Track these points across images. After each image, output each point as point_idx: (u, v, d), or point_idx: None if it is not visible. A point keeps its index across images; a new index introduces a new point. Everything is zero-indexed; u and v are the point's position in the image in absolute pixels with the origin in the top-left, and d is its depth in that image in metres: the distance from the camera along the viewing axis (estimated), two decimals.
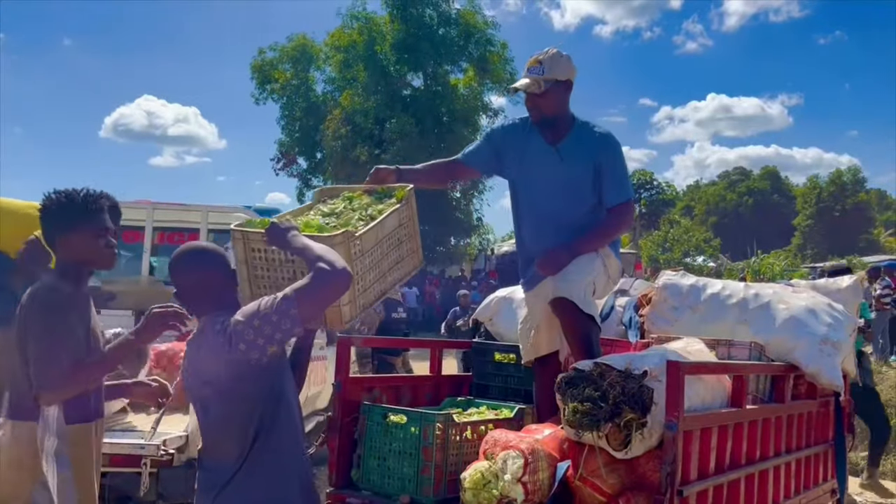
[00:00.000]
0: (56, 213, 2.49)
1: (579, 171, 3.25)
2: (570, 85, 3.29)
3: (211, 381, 2.09)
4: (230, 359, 2.03)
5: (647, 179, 49.99)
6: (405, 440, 2.92)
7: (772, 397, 3.49)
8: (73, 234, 2.47)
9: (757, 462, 3.19)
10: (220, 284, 2.21)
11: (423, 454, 2.87)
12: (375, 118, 23.44)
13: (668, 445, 2.49)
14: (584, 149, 3.25)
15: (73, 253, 2.49)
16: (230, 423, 2.10)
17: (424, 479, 2.87)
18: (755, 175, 58.12)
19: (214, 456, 2.15)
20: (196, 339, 2.17)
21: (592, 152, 3.25)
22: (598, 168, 3.24)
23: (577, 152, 3.26)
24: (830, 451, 4.04)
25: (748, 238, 36.33)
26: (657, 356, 2.73)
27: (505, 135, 3.46)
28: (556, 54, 3.24)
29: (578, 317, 3.15)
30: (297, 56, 25.79)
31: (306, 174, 26.90)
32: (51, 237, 2.53)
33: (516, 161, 3.39)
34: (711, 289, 3.87)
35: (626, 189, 3.31)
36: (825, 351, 3.51)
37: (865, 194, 50.51)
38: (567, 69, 3.26)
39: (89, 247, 2.50)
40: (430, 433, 2.87)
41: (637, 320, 3.93)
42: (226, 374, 2.05)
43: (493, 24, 24.97)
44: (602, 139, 3.28)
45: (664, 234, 34.13)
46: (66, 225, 2.49)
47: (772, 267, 24.35)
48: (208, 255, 2.26)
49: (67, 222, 2.49)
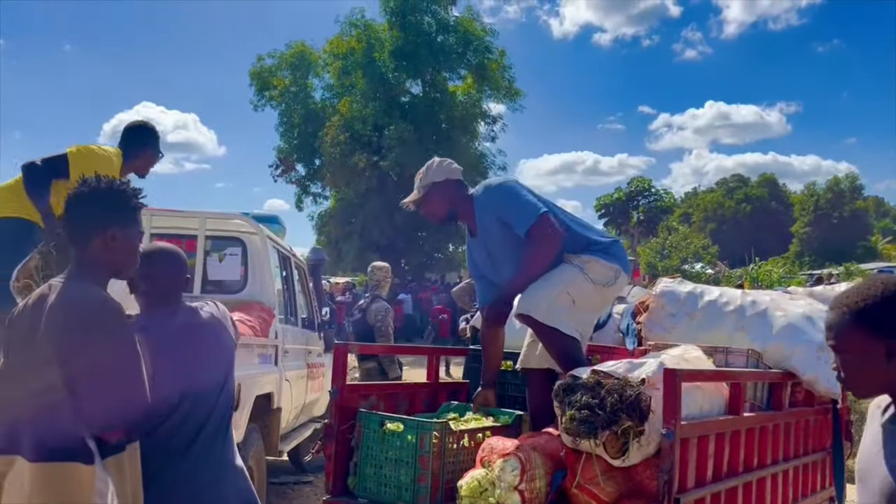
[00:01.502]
0: (110, 202, 2.10)
1: (489, 236, 3.43)
2: (449, 183, 3.47)
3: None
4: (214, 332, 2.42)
5: (645, 187, 49.92)
6: (402, 448, 2.92)
7: (769, 405, 3.49)
8: (121, 232, 2.10)
9: (755, 470, 3.19)
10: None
11: (419, 462, 2.87)
12: (374, 125, 23.47)
13: (665, 453, 2.49)
14: (487, 217, 3.41)
15: (111, 255, 2.10)
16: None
17: (421, 487, 2.86)
18: (753, 182, 58.21)
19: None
20: (187, 321, 2.39)
21: (492, 213, 3.39)
22: (503, 218, 3.35)
23: (486, 224, 3.42)
24: (828, 459, 4.04)
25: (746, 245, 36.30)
26: (655, 364, 2.73)
27: (468, 254, 3.65)
28: (429, 164, 3.51)
29: (543, 331, 3.20)
30: (296, 63, 25.83)
31: (305, 181, 26.89)
32: (88, 229, 2.08)
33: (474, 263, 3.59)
34: (709, 296, 3.87)
35: (527, 212, 3.27)
36: (822, 358, 3.51)
37: (863, 201, 50.59)
38: (440, 172, 3.48)
39: (130, 250, 2.15)
40: (427, 441, 2.86)
41: (634, 327, 3.93)
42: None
43: (491, 31, 25.05)
44: (489, 197, 3.42)
45: (662, 241, 34.12)
46: (116, 219, 2.11)
47: (770, 274, 24.32)
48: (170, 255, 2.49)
49: (120, 215, 2.12)
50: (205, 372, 2.35)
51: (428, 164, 3.51)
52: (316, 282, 7.08)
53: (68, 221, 2.14)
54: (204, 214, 5.19)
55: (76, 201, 2.11)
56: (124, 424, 1.99)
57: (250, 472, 4.44)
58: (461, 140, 23.76)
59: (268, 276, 5.33)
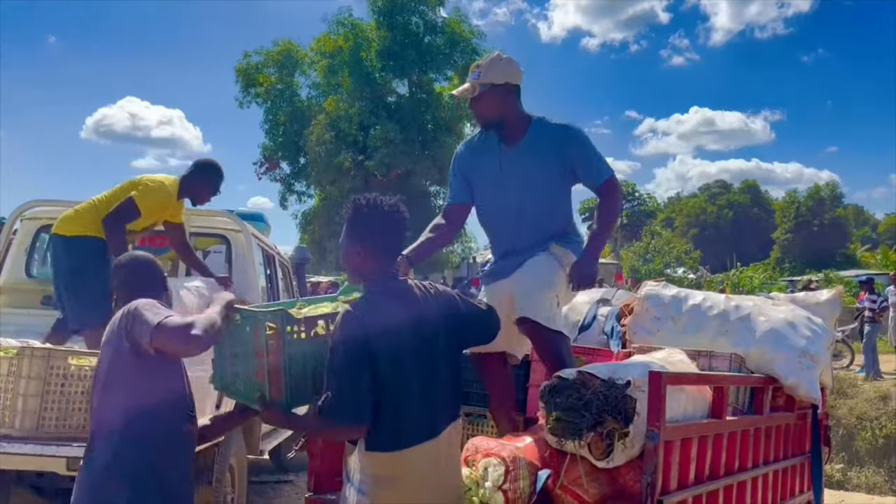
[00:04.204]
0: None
1: (542, 165, 3.25)
2: (509, 88, 3.26)
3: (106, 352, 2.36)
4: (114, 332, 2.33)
5: (629, 191, 50.34)
6: (243, 342, 2.52)
7: (751, 409, 3.52)
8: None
9: (736, 473, 3.21)
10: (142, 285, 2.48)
11: (255, 356, 2.44)
12: (360, 124, 23.43)
13: (649, 455, 2.51)
14: (544, 144, 3.25)
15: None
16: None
17: (262, 384, 2.43)
18: (735, 188, 58.75)
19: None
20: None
21: (555, 146, 3.24)
22: (567, 159, 3.24)
23: (537, 148, 3.25)
24: (807, 464, 4.08)
25: (727, 250, 36.63)
26: (640, 366, 2.75)
27: (465, 155, 3.45)
28: (494, 58, 3.28)
29: (546, 335, 3.11)
30: (283, 60, 25.73)
31: (290, 179, 26.80)
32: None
33: (480, 171, 3.39)
34: (693, 300, 3.89)
35: (604, 164, 3.26)
36: (804, 364, 3.55)
37: (843, 210, 51.26)
38: (504, 73, 3.24)
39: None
40: (262, 333, 2.43)
41: (619, 330, 3.95)
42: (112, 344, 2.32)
43: (479, 33, 25.10)
44: (562, 130, 3.27)
45: (645, 245, 34.38)
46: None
47: (751, 280, 24.57)
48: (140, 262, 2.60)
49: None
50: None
51: (492, 58, 3.27)
52: (300, 280, 7.06)
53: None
54: (188, 211, 5.16)
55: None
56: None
57: (231, 472, 4.43)
58: (447, 141, 23.74)
59: (252, 274, 5.30)
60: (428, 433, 2.31)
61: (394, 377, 2.23)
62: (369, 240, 2.34)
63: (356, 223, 2.37)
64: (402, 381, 2.25)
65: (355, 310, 2.25)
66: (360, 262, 2.36)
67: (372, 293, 2.34)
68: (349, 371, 2.17)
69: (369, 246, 2.34)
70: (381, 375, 2.20)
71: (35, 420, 3.41)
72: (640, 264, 32.08)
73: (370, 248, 2.34)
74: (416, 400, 2.29)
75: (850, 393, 10.72)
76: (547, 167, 3.25)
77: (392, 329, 2.23)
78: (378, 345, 2.19)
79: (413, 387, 2.28)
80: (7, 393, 3.34)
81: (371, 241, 2.34)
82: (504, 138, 3.32)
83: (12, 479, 3.48)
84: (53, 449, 3.30)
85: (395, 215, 2.37)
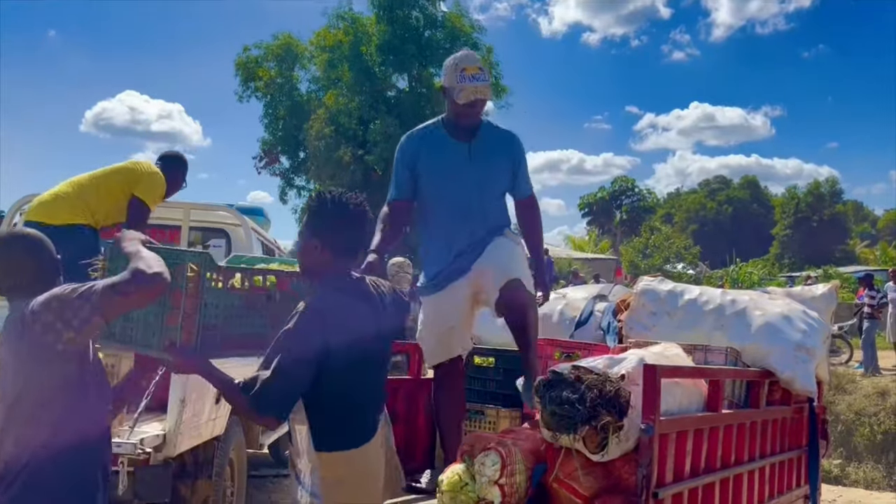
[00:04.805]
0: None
1: (492, 165, 3.43)
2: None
3: (11, 367, 2.03)
4: (25, 340, 1.99)
5: (628, 186, 50.29)
6: None
7: (747, 403, 3.53)
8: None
9: (732, 466, 3.23)
10: (34, 270, 2.14)
11: (171, 298, 2.27)
12: (359, 119, 23.38)
13: (644, 448, 2.52)
14: (495, 146, 3.45)
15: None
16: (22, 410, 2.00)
17: (170, 329, 2.30)
18: (735, 184, 58.71)
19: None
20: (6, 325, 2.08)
21: (504, 148, 3.47)
22: (512, 163, 3.49)
23: (489, 149, 3.42)
24: (804, 457, 4.10)
25: (727, 246, 36.64)
26: (635, 360, 2.76)
27: (414, 148, 3.45)
28: (482, 59, 3.47)
29: (530, 299, 3.36)
30: (282, 54, 25.65)
31: (289, 173, 26.75)
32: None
33: (428, 165, 3.41)
34: (689, 295, 3.90)
35: (529, 179, 3.62)
36: (800, 357, 3.56)
37: (842, 206, 51.25)
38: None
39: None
40: (182, 274, 2.29)
41: (615, 325, 3.96)
42: (23, 357, 2.01)
43: (479, 28, 25.01)
44: (511, 138, 3.52)
45: (645, 240, 34.39)
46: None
47: (750, 275, 24.58)
48: (26, 241, 2.20)
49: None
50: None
51: (482, 60, 3.43)
52: None
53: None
54: (188, 205, 5.17)
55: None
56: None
57: (231, 466, 4.44)
58: None
59: None
60: (372, 430, 2.31)
61: (347, 376, 2.20)
62: (330, 236, 2.28)
63: (319, 217, 2.29)
64: (355, 380, 2.23)
65: (313, 307, 2.19)
66: (318, 257, 2.29)
67: (328, 290, 2.26)
68: (292, 370, 2.11)
69: (329, 242, 2.28)
70: (334, 374, 2.16)
71: None
72: (639, 260, 32.10)
73: (330, 244, 2.28)
74: (366, 398, 2.30)
75: (849, 389, 10.74)
76: (499, 166, 3.45)
77: (348, 328, 2.18)
78: (333, 344, 2.14)
79: (363, 385, 2.28)
80: None
81: (332, 237, 2.28)
82: (457, 135, 3.40)
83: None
84: None
85: (360, 213, 2.31)
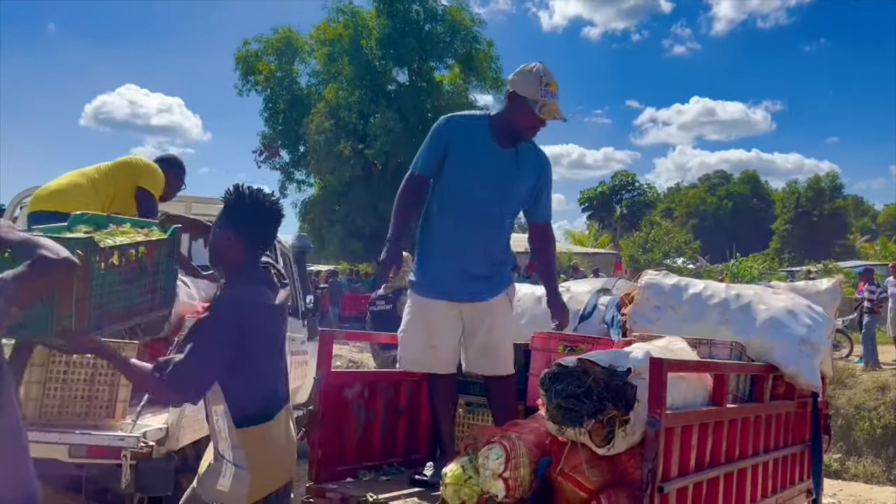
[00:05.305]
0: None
1: (524, 180, 3.40)
2: None
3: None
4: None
5: (628, 181, 50.23)
6: None
7: (751, 397, 3.52)
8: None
9: (736, 460, 3.22)
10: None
11: (59, 286, 2.24)
12: (359, 113, 23.32)
13: (650, 442, 2.51)
14: (532, 162, 3.41)
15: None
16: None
17: (64, 316, 2.31)
18: (735, 179, 58.68)
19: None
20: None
21: (539, 168, 3.43)
22: (540, 184, 3.43)
23: (525, 163, 3.39)
24: (807, 452, 4.09)
25: (727, 241, 36.67)
26: (641, 354, 2.75)
27: (455, 130, 3.41)
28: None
29: (511, 384, 3.47)
30: (282, 48, 25.57)
31: (289, 167, 26.71)
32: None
33: (462, 157, 3.35)
34: (693, 289, 3.90)
35: (551, 209, 3.59)
36: (804, 352, 3.55)
37: (843, 200, 51.20)
38: None
39: None
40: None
41: (619, 319, 3.95)
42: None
43: (479, 21, 24.93)
44: (546, 158, 3.51)
45: (645, 235, 34.38)
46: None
47: (750, 270, 24.58)
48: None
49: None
50: None
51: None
52: (301, 269, 7.05)
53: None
54: (190, 199, 5.16)
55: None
56: None
57: None
58: None
59: None
60: (284, 400, 2.46)
61: (260, 358, 2.34)
62: (244, 229, 2.36)
63: (235, 210, 2.38)
64: (267, 360, 2.39)
65: (228, 296, 2.34)
66: (229, 248, 2.37)
67: (241, 280, 2.37)
68: (208, 354, 2.24)
69: (243, 235, 2.36)
70: (249, 357, 2.29)
71: (37, 407, 3.42)
72: (639, 254, 32.08)
73: (243, 237, 2.36)
74: (276, 375, 2.45)
75: (849, 383, 10.75)
76: (528, 183, 3.41)
77: (260, 315, 2.33)
78: (248, 330, 2.27)
79: (273, 365, 2.43)
80: None
81: (245, 230, 2.36)
82: (501, 140, 3.36)
83: None
84: (56, 436, 3.31)
85: (274, 211, 2.42)
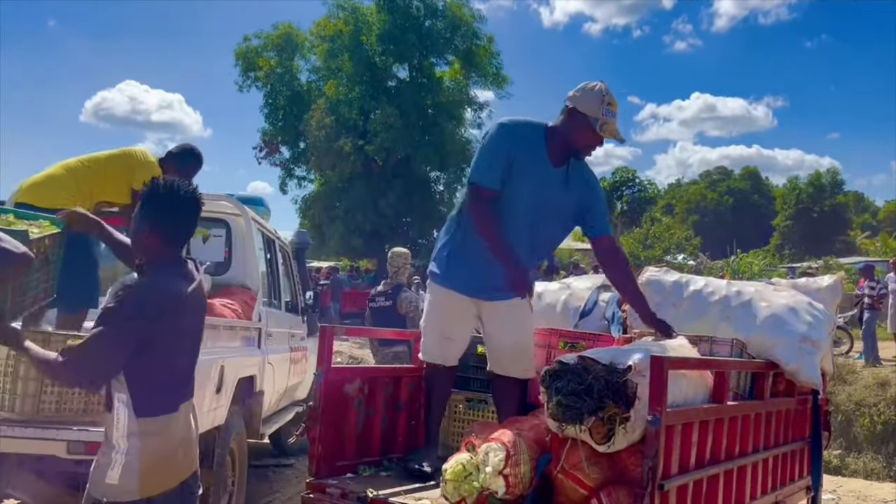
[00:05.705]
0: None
1: (571, 200, 3.37)
2: None
3: None
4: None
5: (629, 177, 50.23)
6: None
7: (752, 394, 3.52)
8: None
9: (736, 457, 3.22)
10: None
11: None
12: (360, 109, 23.29)
13: (650, 440, 2.50)
14: (580, 181, 3.38)
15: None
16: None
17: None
18: (736, 175, 58.63)
19: None
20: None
21: (587, 187, 3.40)
22: (587, 201, 3.38)
23: (577, 182, 3.37)
24: (807, 449, 4.09)
25: (727, 237, 36.63)
26: (641, 351, 2.74)
27: (517, 139, 3.29)
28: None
29: (521, 389, 3.47)
30: (282, 44, 25.52)
31: (289, 164, 26.68)
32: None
33: (518, 174, 3.25)
34: (694, 286, 3.89)
35: (607, 219, 3.55)
36: (805, 349, 3.55)
37: (843, 196, 51.16)
38: None
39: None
40: None
41: (620, 315, 3.95)
42: None
43: (480, 17, 24.85)
44: (594, 178, 3.50)
45: (645, 231, 34.32)
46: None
47: (750, 266, 24.56)
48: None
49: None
50: None
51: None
52: (300, 265, 7.04)
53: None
54: None
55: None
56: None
57: (232, 456, 4.44)
58: (447, 126, 23.62)
59: (252, 259, 5.29)
60: (189, 395, 2.46)
61: (169, 350, 2.34)
62: (159, 222, 2.37)
63: (150, 204, 2.39)
64: (176, 353, 2.38)
65: (140, 286, 2.35)
66: (147, 242, 2.39)
67: (157, 272, 2.38)
68: (112, 341, 2.24)
69: (158, 228, 2.37)
70: (158, 348, 2.29)
71: (35, 403, 3.41)
72: (639, 250, 32.02)
73: (159, 230, 2.37)
74: (184, 368, 2.46)
75: (849, 379, 10.75)
76: (573, 202, 3.37)
77: (172, 306, 2.33)
78: (158, 320, 2.27)
79: (182, 357, 2.43)
80: (7, 376, 3.33)
81: (161, 223, 2.37)
82: (553, 156, 3.32)
83: (13, 463, 3.48)
84: (53, 432, 3.30)
85: (190, 201, 2.42)
